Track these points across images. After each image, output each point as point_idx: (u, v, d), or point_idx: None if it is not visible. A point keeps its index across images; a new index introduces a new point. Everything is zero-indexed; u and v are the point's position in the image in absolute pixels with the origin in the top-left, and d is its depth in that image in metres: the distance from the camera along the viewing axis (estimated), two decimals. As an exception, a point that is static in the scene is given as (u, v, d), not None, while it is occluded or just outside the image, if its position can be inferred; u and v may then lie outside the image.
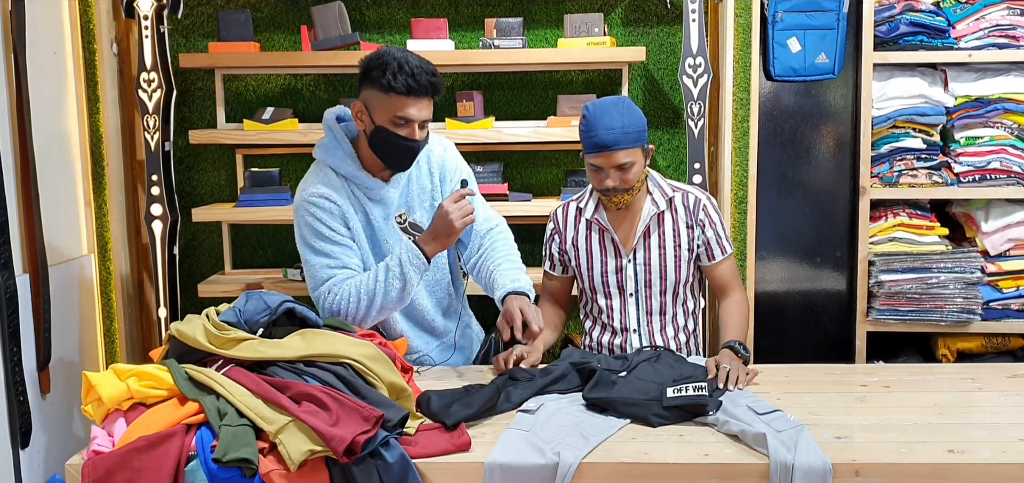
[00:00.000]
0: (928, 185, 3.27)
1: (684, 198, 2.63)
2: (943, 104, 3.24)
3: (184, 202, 3.55)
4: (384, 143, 2.40)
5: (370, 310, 2.42)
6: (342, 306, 2.40)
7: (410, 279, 2.40)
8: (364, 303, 2.40)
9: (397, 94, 2.34)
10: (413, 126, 2.38)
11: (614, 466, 1.90)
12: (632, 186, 2.53)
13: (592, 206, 2.65)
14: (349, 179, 2.46)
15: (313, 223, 2.42)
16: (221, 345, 2.10)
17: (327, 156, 2.47)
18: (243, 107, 3.60)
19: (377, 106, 2.38)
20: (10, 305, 2.84)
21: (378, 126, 2.38)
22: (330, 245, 2.42)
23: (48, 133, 3.16)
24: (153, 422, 1.92)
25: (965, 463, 1.87)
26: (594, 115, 2.49)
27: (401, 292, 2.41)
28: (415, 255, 2.39)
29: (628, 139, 2.47)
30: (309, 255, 2.44)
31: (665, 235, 2.62)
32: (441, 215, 2.39)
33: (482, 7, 3.53)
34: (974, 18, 3.20)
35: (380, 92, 2.36)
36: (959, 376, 2.44)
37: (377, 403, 1.98)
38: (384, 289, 2.40)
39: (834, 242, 3.47)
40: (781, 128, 3.47)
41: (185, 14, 3.50)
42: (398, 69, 2.32)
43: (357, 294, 2.40)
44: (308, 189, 2.44)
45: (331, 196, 2.42)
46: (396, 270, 2.39)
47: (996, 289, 3.26)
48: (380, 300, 2.40)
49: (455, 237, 2.42)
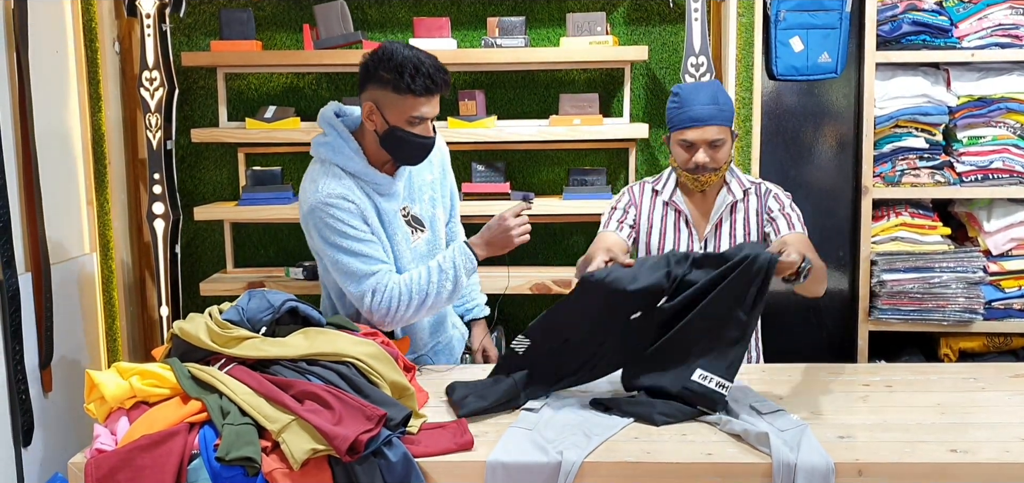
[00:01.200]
0: (930, 185, 3.27)
1: (757, 189, 2.64)
2: (945, 103, 3.24)
3: (186, 201, 3.55)
4: (399, 142, 2.39)
5: (420, 309, 2.41)
6: (391, 304, 2.37)
7: (461, 281, 2.41)
8: (416, 302, 2.39)
9: (415, 95, 2.33)
10: (427, 123, 2.39)
11: (617, 465, 1.90)
12: (720, 166, 2.52)
13: (670, 188, 2.64)
14: (358, 176, 2.43)
15: (335, 224, 2.36)
16: (224, 344, 2.10)
17: (334, 155, 2.43)
18: (245, 106, 3.60)
19: (390, 106, 2.35)
20: (12, 303, 2.84)
21: (392, 126, 2.37)
22: (359, 243, 2.38)
23: (50, 131, 3.16)
24: (156, 421, 1.92)
25: (968, 463, 1.87)
26: (687, 92, 2.52)
27: (451, 293, 2.42)
28: (468, 258, 2.41)
29: (722, 116, 2.48)
30: (339, 255, 2.38)
31: (737, 223, 2.61)
32: (502, 227, 2.41)
33: (484, 6, 3.53)
34: (977, 17, 3.20)
35: (394, 93, 2.33)
36: (961, 376, 2.44)
37: (380, 402, 1.98)
38: (437, 289, 2.40)
39: (836, 241, 3.47)
40: (783, 127, 3.47)
41: (187, 12, 3.51)
42: (415, 70, 2.31)
43: (408, 293, 2.38)
44: (321, 190, 2.38)
45: (347, 195, 2.38)
46: (450, 272, 2.40)
47: (998, 289, 3.26)
48: (432, 300, 2.40)
49: (509, 250, 2.44)
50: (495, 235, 2.42)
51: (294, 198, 3.51)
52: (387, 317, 2.38)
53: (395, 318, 2.39)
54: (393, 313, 2.38)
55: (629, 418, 2.09)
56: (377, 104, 2.37)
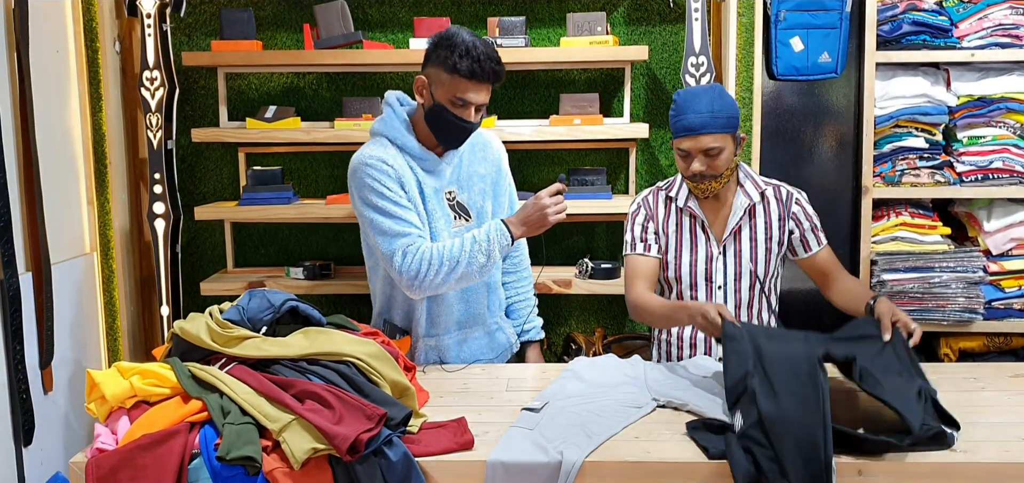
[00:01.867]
0: (930, 184, 3.27)
1: (776, 191, 2.64)
2: (945, 103, 3.24)
3: (186, 200, 3.56)
4: (439, 120, 2.48)
5: (450, 277, 2.44)
6: (422, 268, 2.41)
7: (494, 256, 2.44)
8: (446, 269, 2.42)
9: (461, 76, 2.41)
10: (470, 109, 2.47)
11: (617, 464, 1.90)
12: (720, 173, 2.51)
13: (684, 195, 2.64)
14: (404, 149, 2.52)
15: (372, 184, 2.44)
16: (224, 343, 2.10)
17: (384, 128, 2.55)
18: (246, 105, 3.61)
19: (439, 84, 2.45)
20: (13, 303, 2.85)
21: (437, 102, 2.47)
22: (393, 205, 2.44)
23: (51, 131, 3.16)
24: (156, 420, 1.92)
25: (968, 462, 1.87)
26: (684, 99, 2.51)
27: (483, 267, 2.45)
28: (503, 233, 2.44)
29: (717, 124, 2.46)
30: (374, 214, 2.45)
31: (757, 227, 2.61)
32: (537, 206, 2.44)
33: (484, 6, 3.53)
34: (977, 17, 3.20)
35: (445, 71, 2.43)
36: (961, 375, 2.44)
37: (380, 401, 1.99)
38: (469, 260, 2.43)
39: (836, 241, 3.45)
40: (784, 127, 3.47)
41: (188, 12, 3.51)
42: (465, 52, 2.40)
43: (440, 259, 2.42)
44: (364, 154, 2.49)
45: (387, 159, 2.47)
46: (483, 244, 2.43)
47: (998, 289, 3.26)
48: (463, 269, 2.43)
49: (545, 230, 2.47)
50: (530, 214, 2.45)
51: (295, 198, 3.52)
52: (416, 280, 2.42)
53: (425, 282, 2.43)
54: (423, 277, 2.42)
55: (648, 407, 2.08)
56: (429, 80, 2.48)
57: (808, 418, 1.85)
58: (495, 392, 2.36)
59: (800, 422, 1.85)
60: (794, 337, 2.18)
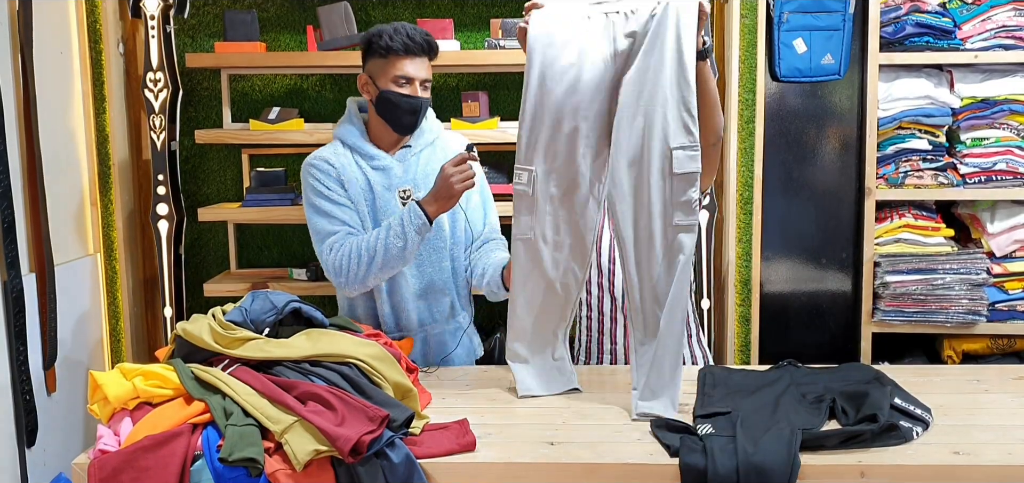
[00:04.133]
0: (934, 186, 3.26)
1: None
2: (949, 105, 3.24)
3: (190, 202, 3.56)
4: (388, 104, 2.54)
5: (371, 267, 2.46)
6: (343, 262, 2.47)
7: (411, 238, 2.43)
8: (366, 260, 2.45)
9: (396, 55, 2.50)
10: (415, 84, 2.53)
11: (620, 467, 1.90)
12: None
13: None
14: (354, 148, 2.59)
15: (313, 184, 2.54)
16: (227, 345, 2.10)
17: (338, 130, 2.65)
18: (249, 107, 3.61)
19: (379, 72, 2.53)
20: (16, 304, 2.85)
21: (382, 91, 2.53)
22: (328, 203, 2.53)
23: (55, 133, 3.17)
24: (159, 421, 1.93)
25: (971, 465, 1.87)
26: None
27: (402, 251, 2.44)
28: (416, 214, 2.42)
29: None
30: (311, 215, 2.55)
31: None
32: (442, 177, 2.44)
33: (488, 7, 3.53)
34: (980, 19, 3.20)
35: (379, 58, 2.52)
36: (965, 377, 2.44)
37: (383, 403, 1.99)
38: (385, 246, 2.44)
39: (839, 243, 3.46)
40: (787, 129, 3.46)
41: (191, 14, 3.51)
42: (394, 32, 2.50)
43: (358, 251, 2.46)
44: (312, 156, 2.59)
45: (328, 158, 2.56)
46: (397, 229, 2.44)
47: (1002, 290, 3.25)
48: (381, 257, 2.45)
49: (455, 200, 2.45)
50: (439, 188, 2.44)
51: (298, 199, 3.52)
52: (340, 276, 2.48)
53: (350, 275, 2.47)
54: (346, 270, 2.47)
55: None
56: (370, 74, 2.56)
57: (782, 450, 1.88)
58: (497, 394, 2.36)
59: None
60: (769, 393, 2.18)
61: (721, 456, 1.84)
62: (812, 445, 1.90)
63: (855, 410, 2.02)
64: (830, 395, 2.10)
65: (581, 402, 2.27)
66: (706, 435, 1.94)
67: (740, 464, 1.82)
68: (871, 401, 2.02)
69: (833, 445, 1.91)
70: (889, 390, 2.09)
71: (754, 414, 2.01)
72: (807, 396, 2.12)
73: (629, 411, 2.15)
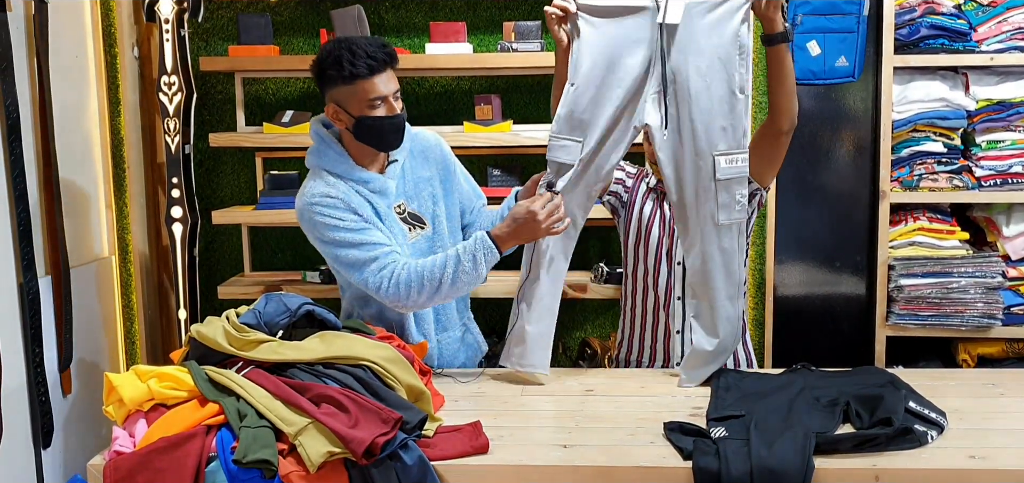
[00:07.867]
0: (949, 189, 3.24)
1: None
2: (964, 108, 3.22)
3: (204, 204, 3.57)
4: (367, 130, 2.40)
5: (437, 294, 2.36)
6: (403, 289, 2.34)
7: (482, 274, 2.37)
8: (428, 289, 2.34)
9: (362, 78, 2.35)
10: (389, 101, 2.39)
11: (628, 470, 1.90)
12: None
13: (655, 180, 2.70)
14: (344, 177, 2.44)
15: (324, 221, 2.38)
16: (241, 347, 2.11)
17: (320, 161, 2.47)
18: (263, 110, 3.62)
19: (347, 99, 2.38)
20: (32, 306, 2.87)
21: (357, 118, 2.39)
22: (351, 233, 2.37)
23: (70, 136, 3.19)
24: (174, 423, 1.93)
25: (987, 469, 1.86)
26: None
27: (471, 284, 2.38)
28: (490, 250, 2.35)
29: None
30: (337, 250, 2.39)
31: None
32: (528, 217, 2.34)
33: (500, 10, 3.54)
34: (996, 21, 3.18)
35: (345, 85, 2.36)
36: (980, 381, 2.42)
37: (396, 405, 1.99)
38: (453, 278, 2.34)
39: (853, 246, 3.45)
40: (800, 132, 3.42)
41: (205, 18, 3.53)
42: (352, 56, 2.34)
43: (419, 277, 2.34)
44: (307, 194, 2.43)
45: (330, 192, 2.40)
46: (468, 263, 2.34)
47: (1017, 294, 3.23)
48: (448, 289, 2.36)
49: (537, 240, 2.42)
50: (521, 228, 2.36)
51: (311, 202, 3.52)
52: (400, 303, 2.37)
53: (412, 302, 2.37)
54: (405, 298, 2.36)
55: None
56: (337, 103, 2.40)
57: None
58: (510, 397, 2.36)
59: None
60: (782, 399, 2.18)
61: (734, 459, 1.84)
62: (826, 449, 1.90)
63: (869, 414, 2.01)
64: (844, 399, 2.09)
65: (594, 405, 2.27)
66: (719, 438, 1.93)
67: (754, 467, 1.81)
68: (886, 405, 2.01)
69: (847, 449, 1.91)
70: (904, 394, 2.09)
71: (768, 417, 2.01)
72: (821, 399, 2.12)
73: (640, 414, 2.15)
